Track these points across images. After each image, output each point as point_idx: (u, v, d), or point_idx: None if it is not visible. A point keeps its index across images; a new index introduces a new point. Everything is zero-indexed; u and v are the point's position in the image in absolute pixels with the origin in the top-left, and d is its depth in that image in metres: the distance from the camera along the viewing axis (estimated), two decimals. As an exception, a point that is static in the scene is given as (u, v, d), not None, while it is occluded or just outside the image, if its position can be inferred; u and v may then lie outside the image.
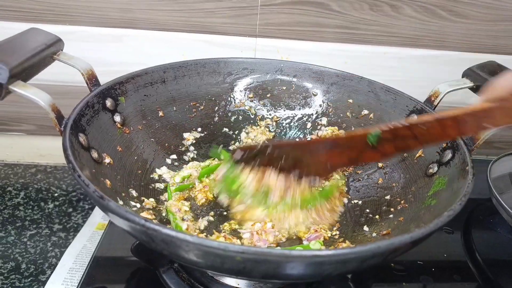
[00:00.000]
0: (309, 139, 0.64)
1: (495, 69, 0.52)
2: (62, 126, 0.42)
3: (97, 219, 0.66)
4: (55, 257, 0.59)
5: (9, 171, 0.77)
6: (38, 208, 0.68)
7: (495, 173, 0.67)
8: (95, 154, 0.46)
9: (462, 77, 0.56)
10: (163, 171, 0.56)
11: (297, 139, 0.66)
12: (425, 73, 0.77)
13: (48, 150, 0.80)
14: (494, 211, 0.62)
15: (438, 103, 0.54)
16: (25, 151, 0.80)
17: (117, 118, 0.52)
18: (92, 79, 0.50)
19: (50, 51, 0.47)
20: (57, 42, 0.49)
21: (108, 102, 0.51)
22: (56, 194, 0.72)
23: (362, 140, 0.44)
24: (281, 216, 0.47)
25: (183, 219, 0.48)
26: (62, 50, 0.50)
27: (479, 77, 0.53)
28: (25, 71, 0.42)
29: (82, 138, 0.44)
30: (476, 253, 0.59)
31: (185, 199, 0.54)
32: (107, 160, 0.48)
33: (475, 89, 0.54)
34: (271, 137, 0.65)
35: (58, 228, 0.64)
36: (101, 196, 0.32)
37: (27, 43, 0.45)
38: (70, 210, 0.68)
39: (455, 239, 0.62)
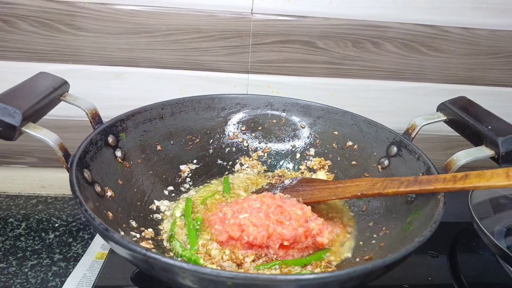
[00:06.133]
0: (299, 174, 0.68)
1: (464, 104, 0.56)
2: (69, 163, 0.45)
3: (97, 249, 0.68)
4: (56, 287, 0.60)
5: (10, 203, 0.79)
6: (39, 238, 0.70)
7: (476, 199, 0.68)
8: (98, 188, 0.48)
9: (437, 111, 0.60)
10: (161, 203, 0.59)
11: (287, 168, 0.69)
12: (406, 104, 0.82)
13: (49, 182, 0.83)
14: (477, 235, 0.64)
15: (415, 135, 0.58)
16: (26, 183, 0.83)
17: (118, 153, 0.55)
18: (95, 118, 0.54)
19: (57, 93, 0.51)
20: (64, 85, 0.53)
21: (110, 139, 0.54)
22: (56, 225, 0.74)
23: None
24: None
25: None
26: (67, 92, 0.54)
27: (451, 111, 0.57)
28: (35, 114, 0.46)
29: (86, 173, 0.47)
30: (462, 276, 0.61)
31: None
32: (109, 193, 0.50)
33: (448, 122, 0.58)
34: (263, 170, 0.69)
35: (58, 258, 0.66)
36: (106, 229, 0.35)
37: (36, 87, 0.49)
38: (70, 240, 0.70)
39: (440, 263, 0.63)
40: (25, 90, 0.47)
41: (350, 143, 0.66)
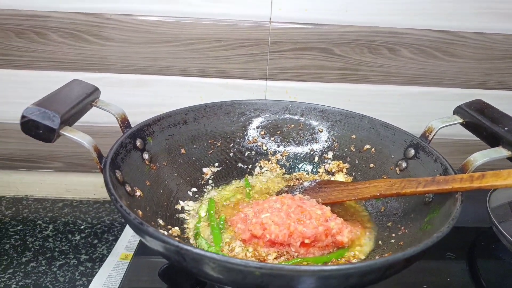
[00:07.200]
0: (317, 176, 0.69)
1: (481, 107, 0.57)
2: (102, 164, 0.48)
3: (121, 250, 0.70)
4: (83, 286, 0.63)
5: (38, 206, 0.82)
6: (66, 240, 0.73)
7: (494, 202, 0.68)
8: (128, 188, 0.51)
9: (453, 114, 0.61)
10: (185, 203, 0.61)
11: (305, 171, 0.70)
12: (422, 109, 0.83)
13: (74, 186, 0.86)
14: (496, 238, 0.64)
15: (432, 138, 0.59)
16: (53, 187, 0.86)
17: (146, 156, 0.58)
18: (124, 122, 0.57)
19: (90, 99, 0.54)
20: (96, 91, 0.56)
21: (138, 142, 0.57)
22: (82, 227, 0.77)
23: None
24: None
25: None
26: (99, 98, 0.57)
27: (467, 114, 0.58)
28: (71, 117, 0.49)
29: (118, 174, 0.50)
30: (481, 279, 0.62)
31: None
32: (138, 193, 0.53)
33: (465, 125, 0.59)
34: (281, 173, 0.70)
35: (84, 259, 0.69)
36: (141, 223, 0.38)
37: (71, 93, 0.52)
38: (96, 241, 0.73)
39: (459, 266, 0.64)
40: (62, 96, 0.50)
41: (367, 146, 0.67)
